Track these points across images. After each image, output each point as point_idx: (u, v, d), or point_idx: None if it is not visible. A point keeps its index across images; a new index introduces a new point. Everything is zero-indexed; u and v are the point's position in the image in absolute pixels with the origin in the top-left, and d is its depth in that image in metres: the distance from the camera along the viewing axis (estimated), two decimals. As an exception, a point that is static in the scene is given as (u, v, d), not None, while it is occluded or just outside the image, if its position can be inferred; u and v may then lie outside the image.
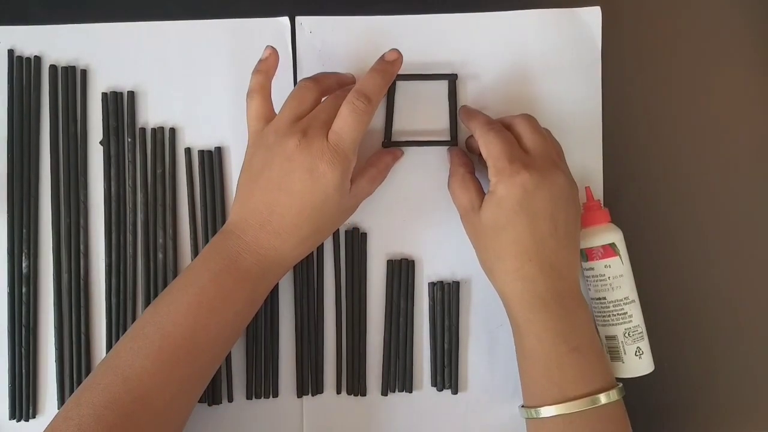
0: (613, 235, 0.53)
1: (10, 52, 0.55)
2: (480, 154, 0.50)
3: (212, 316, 0.46)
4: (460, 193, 0.51)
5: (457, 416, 0.55)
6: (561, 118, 0.56)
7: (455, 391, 0.55)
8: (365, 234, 0.55)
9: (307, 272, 0.55)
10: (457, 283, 0.55)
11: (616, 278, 0.52)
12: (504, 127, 0.50)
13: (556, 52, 0.56)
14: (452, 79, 0.55)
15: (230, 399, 0.55)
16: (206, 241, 0.55)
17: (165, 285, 0.54)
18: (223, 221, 0.55)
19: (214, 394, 0.54)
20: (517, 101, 0.56)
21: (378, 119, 0.55)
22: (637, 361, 0.52)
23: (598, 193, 0.56)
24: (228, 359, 0.55)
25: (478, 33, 0.56)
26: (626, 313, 0.52)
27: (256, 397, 0.55)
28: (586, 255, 0.53)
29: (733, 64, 0.57)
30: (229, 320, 0.47)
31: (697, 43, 0.57)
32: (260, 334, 0.55)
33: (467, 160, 0.53)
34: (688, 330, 0.57)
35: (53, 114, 0.55)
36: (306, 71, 0.55)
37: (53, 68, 0.55)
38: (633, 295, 0.53)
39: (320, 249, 0.55)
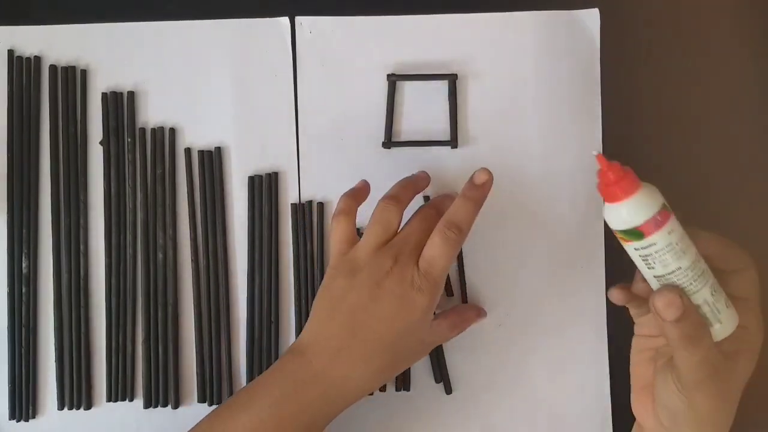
0: (658, 194, 0.43)
1: (10, 52, 0.55)
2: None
3: None
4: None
5: (454, 414, 0.55)
6: (560, 118, 0.56)
7: (449, 391, 0.55)
8: (365, 234, 0.56)
9: (307, 272, 0.55)
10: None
11: (682, 238, 0.43)
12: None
13: (555, 53, 0.56)
14: (452, 79, 0.55)
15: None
16: (206, 241, 0.55)
17: (165, 285, 0.54)
18: (223, 221, 0.55)
19: (214, 394, 0.54)
20: (517, 102, 0.56)
21: (378, 120, 0.56)
22: (731, 313, 0.44)
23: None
24: (229, 359, 0.55)
25: (478, 33, 0.56)
26: (705, 269, 0.43)
27: (256, 397, 0.55)
28: (642, 233, 0.42)
29: (731, 66, 0.57)
30: None
31: (695, 44, 0.57)
32: (261, 333, 0.55)
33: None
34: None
35: (53, 114, 0.55)
36: (306, 72, 0.55)
37: (53, 68, 0.55)
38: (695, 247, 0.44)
39: (321, 249, 0.55)
